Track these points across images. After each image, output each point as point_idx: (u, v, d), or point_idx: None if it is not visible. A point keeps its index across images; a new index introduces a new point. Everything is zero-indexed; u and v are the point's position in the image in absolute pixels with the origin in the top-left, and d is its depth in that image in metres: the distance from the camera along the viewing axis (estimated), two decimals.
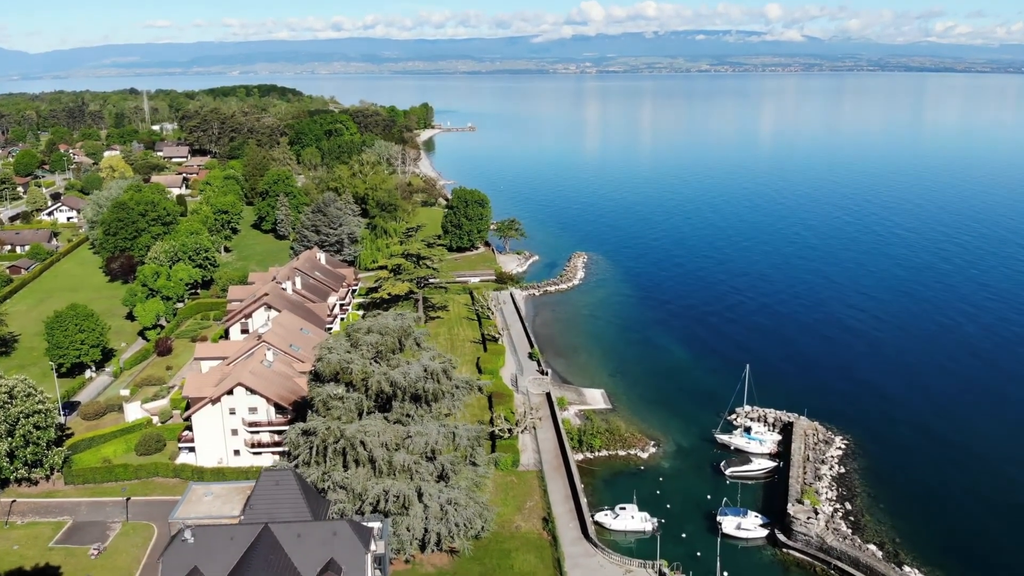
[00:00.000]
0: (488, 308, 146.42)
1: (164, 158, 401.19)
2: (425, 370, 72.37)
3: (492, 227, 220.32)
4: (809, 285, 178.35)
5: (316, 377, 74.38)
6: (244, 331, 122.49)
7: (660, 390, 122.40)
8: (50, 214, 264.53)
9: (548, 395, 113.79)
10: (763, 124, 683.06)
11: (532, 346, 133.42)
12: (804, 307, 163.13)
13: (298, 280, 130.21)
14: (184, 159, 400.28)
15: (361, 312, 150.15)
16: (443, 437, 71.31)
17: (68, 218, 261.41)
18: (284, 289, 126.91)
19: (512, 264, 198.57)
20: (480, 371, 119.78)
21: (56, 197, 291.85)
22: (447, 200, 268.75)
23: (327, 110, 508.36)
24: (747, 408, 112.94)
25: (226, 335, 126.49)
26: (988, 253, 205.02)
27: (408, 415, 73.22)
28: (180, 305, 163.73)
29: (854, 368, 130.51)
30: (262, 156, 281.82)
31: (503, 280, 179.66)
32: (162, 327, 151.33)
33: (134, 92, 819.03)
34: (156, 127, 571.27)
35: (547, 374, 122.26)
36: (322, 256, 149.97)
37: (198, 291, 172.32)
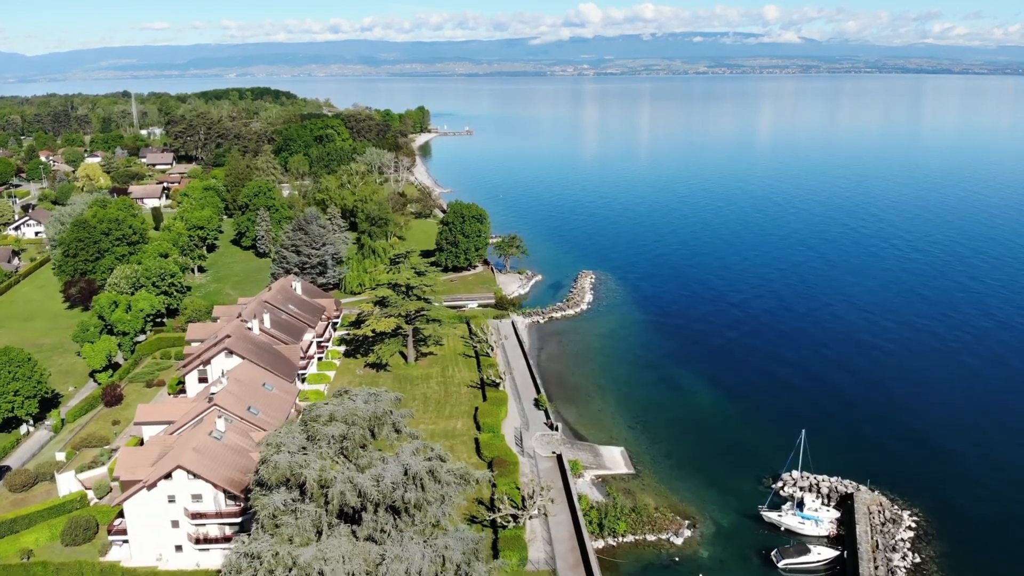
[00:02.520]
0: (488, 344, 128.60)
1: (148, 165, 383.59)
2: (406, 472, 54.67)
3: (492, 239, 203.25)
4: (834, 313, 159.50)
5: (261, 483, 56.70)
6: (202, 379, 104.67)
7: (689, 447, 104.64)
8: (17, 228, 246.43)
9: (559, 458, 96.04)
10: (765, 128, 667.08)
11: (539, 391, 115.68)
12: (833, 341, 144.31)
13: (267, 317, 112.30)
14: (168, 166, 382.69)
15: (343, 348, 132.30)
16: (430, 563, 53.58)
17: (36, 233, 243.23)
18: (250, 328, 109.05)
19: (513, 285, 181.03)
20: (479, 427, 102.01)
21: (28, 209, 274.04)
22: (443, 211, 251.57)
23: (320, 114, 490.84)
24: (796, 474, 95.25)
25: (182, 384, 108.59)
26: (1016, 269, 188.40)
27: (383, 530, 55.49)
28: (142, 337, 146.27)
29: (908, 419, 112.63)
30: (245, 165, 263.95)
31: (504, 306, 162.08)
32: (118, 366, 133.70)
33: (127, 95, 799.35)
34: (144, 132, 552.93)
35: (557, 429, 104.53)
36: (298, 285, 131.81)
37: (164, 321, 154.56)
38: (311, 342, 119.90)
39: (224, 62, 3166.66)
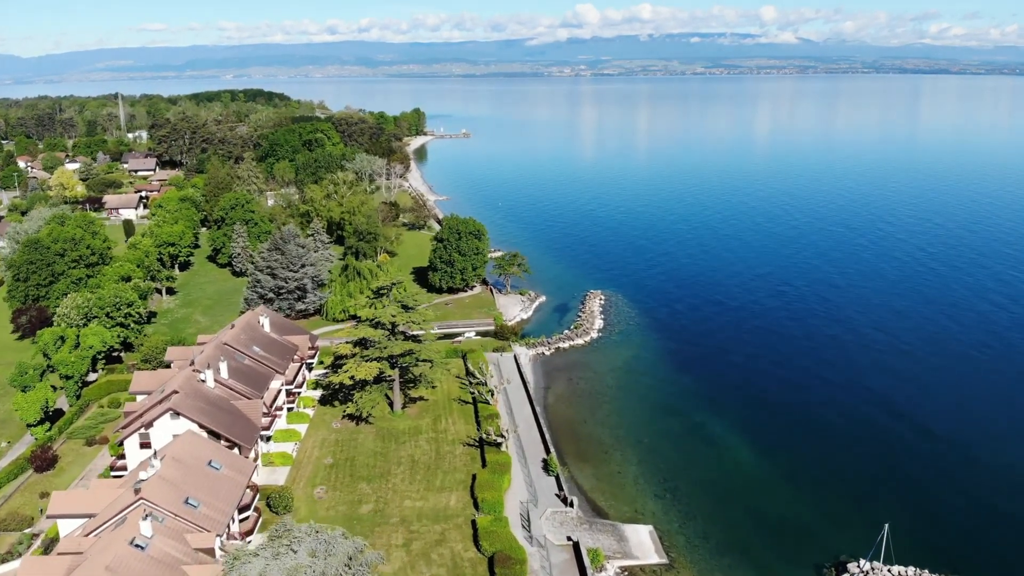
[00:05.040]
0: (487, 389, 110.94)
1: (130, 171, 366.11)
2: None
3: (492, 252, 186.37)
4: (864, 344, 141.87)
5: None
6: (144, 445, 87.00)
7: (730, 524, 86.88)
8: None
9: (576, 546, 78.49)
10: (768, 131, 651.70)
11: (548, 451, 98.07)
12: (871, 379, 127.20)
13: (224, 366, 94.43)
14: (151, 172, 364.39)
15: (318, 393, 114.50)
16: None
17: None
18: (203, 380, 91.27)
19: (515, 309, 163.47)
20: (477, 505, 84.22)
21: None
22: (438, 221, 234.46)
23: (312, 117, 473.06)
24: (864, 565, 77.72)
25: (122, 449, 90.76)
26: None
27: None
28: (95, 376, 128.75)
29: (984, 486, 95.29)
30: (225, 173, 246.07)
31: (505, 335, 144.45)
32: (62, 413, 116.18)
33: (121, 97, 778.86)
34: (132, 135, 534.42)
35: (572, 505, 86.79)
36: (266, 321, 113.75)
37: (121, 355, 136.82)
38: (279, 391, 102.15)
39: (221, 63, 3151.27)
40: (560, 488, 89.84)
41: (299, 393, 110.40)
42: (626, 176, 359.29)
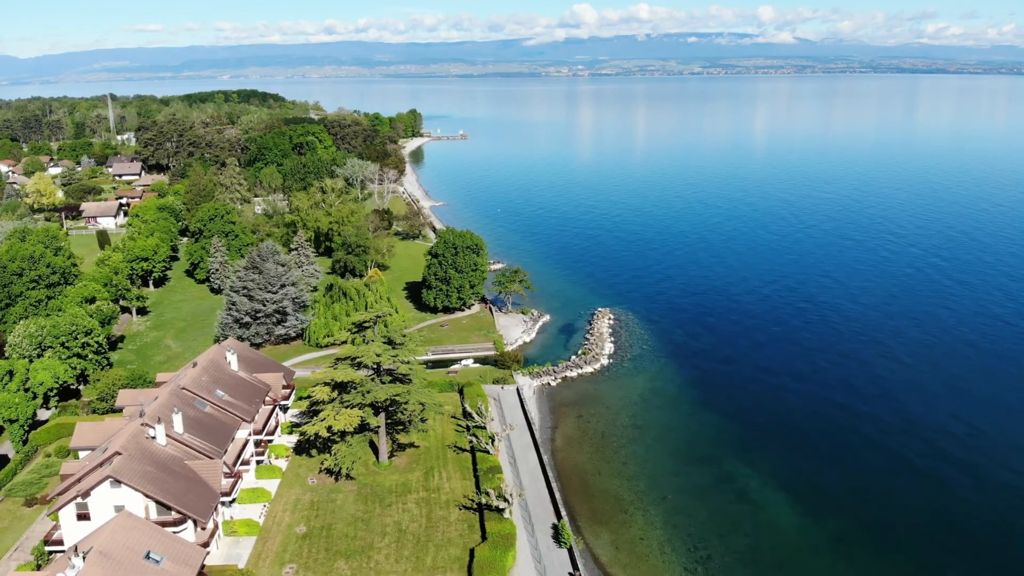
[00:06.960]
0: (488, 436, 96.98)
1: (115, 176, 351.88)
2: None
3: (492, 264, 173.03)
4: (879, 374, 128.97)
5: None
6: (82, 517, 73.10)
7: None
8: None
9: None
10: (769, 133, 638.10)
11: (559, 514, 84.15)
12: (889, 414, 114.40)
13: (178, 419, 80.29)
14: (136, 177, 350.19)
15: (292, 441, 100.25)
16: None
17: None
18: (152, 437, 77.29)
19: (517, 330, 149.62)
20: None
21: None
22: (434, 230, 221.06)
23: (306, 118, 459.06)
24: None
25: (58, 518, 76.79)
26: None
27: None
28: (48, 412, 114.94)
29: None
30: (208, 179, 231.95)
31: (506, 363, 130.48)
32: (6, 460, 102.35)
33: (114, 98, 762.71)
34: (121, 138, 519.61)
35: None
36: (234, 358, 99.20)
37: (79, 389, 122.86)
38: (246, 442, 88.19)
39: (218, 64, 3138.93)
40: (575, 567, 75.95)
41: (270, 441, 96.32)
42: (627, 179, 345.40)
